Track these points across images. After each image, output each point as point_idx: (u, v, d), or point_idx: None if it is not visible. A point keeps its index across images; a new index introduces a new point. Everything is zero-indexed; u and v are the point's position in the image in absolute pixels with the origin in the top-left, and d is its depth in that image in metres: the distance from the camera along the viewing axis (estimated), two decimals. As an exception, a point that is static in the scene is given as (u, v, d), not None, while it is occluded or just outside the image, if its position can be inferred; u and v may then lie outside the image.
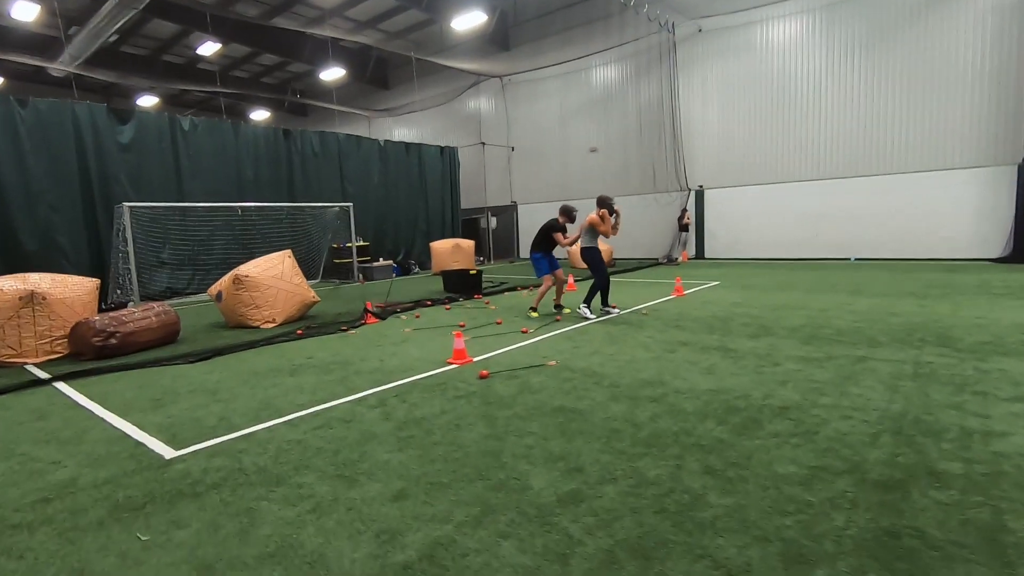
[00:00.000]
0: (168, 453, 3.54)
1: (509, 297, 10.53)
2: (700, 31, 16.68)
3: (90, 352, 6.41)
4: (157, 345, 7.06)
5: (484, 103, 22.53)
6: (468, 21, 17.03)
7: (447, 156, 20.17)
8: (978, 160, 13.06)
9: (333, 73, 21.63)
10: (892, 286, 9.63)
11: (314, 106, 28.04)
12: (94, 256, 11.75)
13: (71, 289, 6.93)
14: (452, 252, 16.18)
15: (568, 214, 8.17)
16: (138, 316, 6.98)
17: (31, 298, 6.42)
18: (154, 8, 15.47)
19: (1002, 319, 6.45)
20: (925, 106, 13.53)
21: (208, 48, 20.53)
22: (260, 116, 29.58)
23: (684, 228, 17.39)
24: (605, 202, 7.82)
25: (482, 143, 22.14)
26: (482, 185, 22.92)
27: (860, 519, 2.42)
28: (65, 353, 6.65)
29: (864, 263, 13.97)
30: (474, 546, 2.35)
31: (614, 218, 7.85)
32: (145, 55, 22.47)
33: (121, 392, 5.06)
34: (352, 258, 15.14)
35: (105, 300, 10.33)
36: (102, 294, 8.59)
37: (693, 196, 17.50)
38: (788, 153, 15.61)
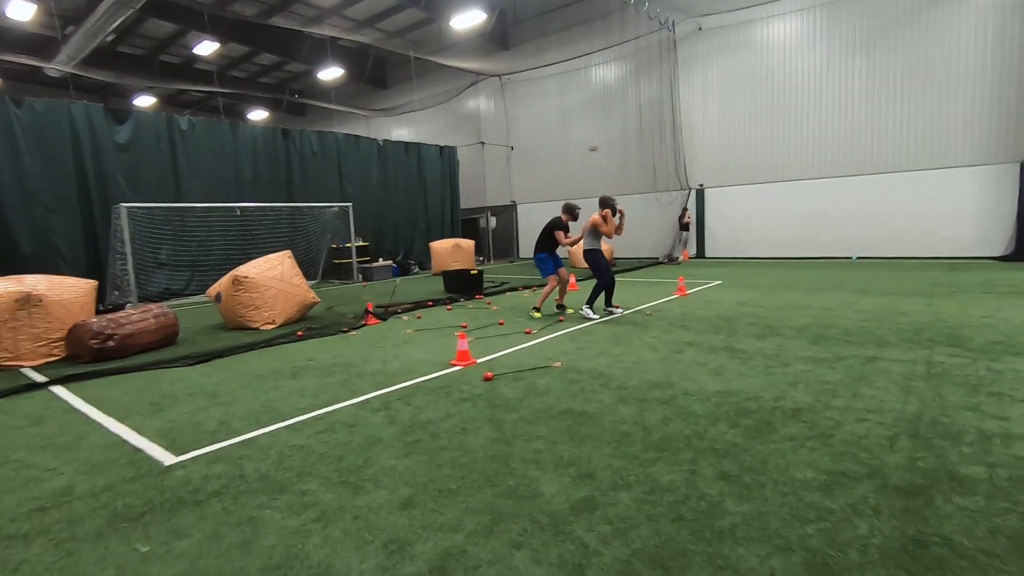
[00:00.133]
0: (167, 459, 3.45)
1: (511, 297, 10.44)
2: (700, 29, 16.61)
3: (87, 355, 6.31)
4: (155, 347, 6.97)
5: (483, 102, 22.43)
6: (467, 20, 16.95)
7: (446, 156, 20.09)
8: (980, 158, 13.01)
9: (331, 73, 21.53)
10: (896, 285, 9.57)
11: (312, 106, 27.93)
12: (91, 257, 11.64)
13: (68, 291, 6.84)
14: (452, 252, 16.10)
15: (571, 212, 8.06)
16: (136, 318, 6.88)
17: (27, 300, 6.32)
18: (151, 7, 15.37)
19: (1011, 318, 6.39)
20: (926, 104, 13.46)
21: (206, 48, 20.41)
22: (258, 116, 29.46)
23: (685, 227, 17.33)
24: (608, 203, 7.71)
25: (481, 143, 22.06)
26: (481, 185, 22.83)
27: (884, 527, 2.34)
28: (62, 356, 6.55)
29: (866, 262, 13.91)
30: (486, 556, 2.27)
31: (618, 218, 7.75)
32: (142, 55, 22.35)
33: (119, 396, 4.96)
34: (352, 258, 15.06)
35: (103, 302, 10.23)
36: (99, 296, 8.48)
37: (693, 195, 17.44)
38: (789, 152, 15.54)
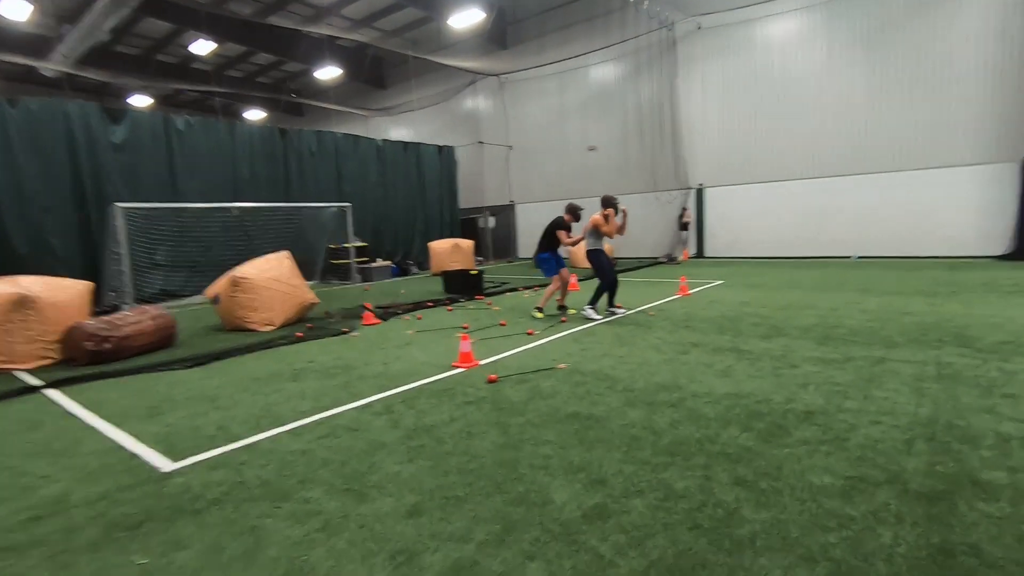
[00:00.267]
0: (166, 465, 3.36)
1: (511, 298, 10.37)
2: (699, 28, 16.55)
3: (83, 357, 6.21)
4: (153, 350, 6.87)
5: (482, 102, 22.34)
6: (466, 19, 16.85)
7: (445, 155, 20.00)
8: (981, 157, 12.97)
9: (329, 72, 21.40)
10: (899, 284, 9.52)
11: (310, 106, 27.80)
12: (87, 258, 11.48)
13: (63, 292, 6.73)
14: (451, 252, 16.00)
15: (573, 212, 8.00)
16: (133, 320, 6.78)
17: (22, 302, 6.21)
18: (147, 6, 15.25)
19: (1017, 317, 6.34)
20: (927, 103, 13.42)
21: (202, 47, 20.27)
22: (255, 116, 29.29)
23: (684, 227, 17.26)
24: (610, 202, 7.63)
25: (480, 142, 21.96)
26: (480, 185, 22.74)
27: (909, 535, 2.27)
28: (57, 359, 6.43)
29: (866, 261, 13.87)
30: (498, 568, 2.19)
31: (620, 218, 7.67)
32: (138, 54, 22.19)
33: (116, 400, 4.87)
34: (350, 259, 14.96)
35: (98, 303, 10.11)
36: (95, 297, 8.36)
37: (693, 194, 17.38)
38: (788, 151, 15.48)
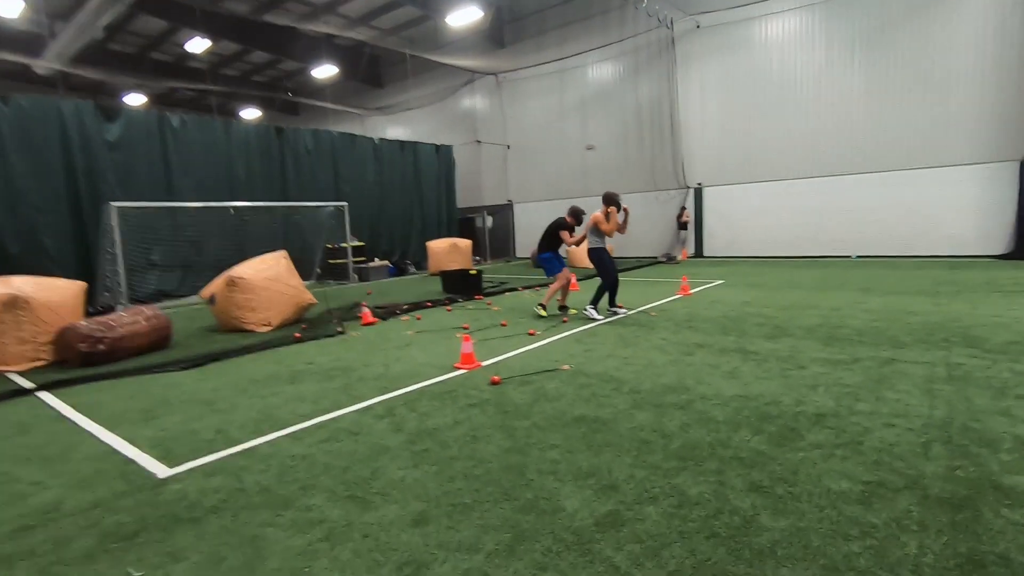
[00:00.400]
0: (162, 471, 3.26)
1: (511, 298, 10.28)
2: (698, 27, 16.48)
3: (77, 359, 6.09)
4: (148, 351, 6.75)
5: (479, 101, 22.23)
6: (463, 17, 16.72)
7: (442, 154, 19.89)
8: (980, 156, 12.95)
9: (325, 71, 21.24)
10: (901, 284, 9.47)
11: (306, 105, 27.62)
12: (80, 258, 11.33)
13: (56, 292, 6.61)
14: (449, 252, 15.88)
15: (576, 215, 7.95)
16: (127, 320, 6.66)
17: (13, 302, 6.09)
18: (142, 4, 15.08)
19: (1022, 317, 6.29)
20: (926, 102, 13.39)
21: (197, 45, 20.07)
22: (251, 114, 29.10)
23: (683, 226, 17.20)
24: (612, 199, 7.53)
25: (478, 141, 21.85)
26: (478, 184, 22.63)
27: (934, 544, 2.19)
28: (50, 360, 6.31)
29: (866, 261, 13.84)
30: (510, 580, 2.10)
31: (622, 216, 7.59)
32: (133, 52, 21.99)
33: (110, 403, 4.75)
34: (347, 258, 14.84)
35: (92, 304, 9.97)
36: (89, 297, 8.24)
37: (692, 194, 17.33)
38: (788, 150, 15.44)
